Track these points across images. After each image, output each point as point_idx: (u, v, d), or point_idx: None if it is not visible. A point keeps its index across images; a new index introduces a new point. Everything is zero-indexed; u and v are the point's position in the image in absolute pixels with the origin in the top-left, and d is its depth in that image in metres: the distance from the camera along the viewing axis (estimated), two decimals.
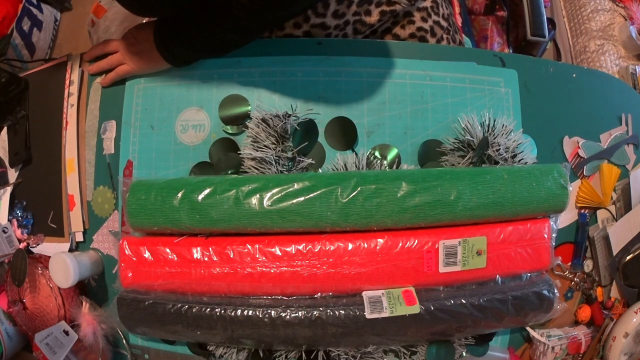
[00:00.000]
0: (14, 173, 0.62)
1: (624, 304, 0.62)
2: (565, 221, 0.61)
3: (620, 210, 0.63)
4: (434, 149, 0.57)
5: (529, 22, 1.00)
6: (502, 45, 1.07)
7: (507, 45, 1.07)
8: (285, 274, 0.48)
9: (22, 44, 1.52)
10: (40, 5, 1.59)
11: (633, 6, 1.17)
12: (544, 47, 1.08)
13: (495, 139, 0.55)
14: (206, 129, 0.57)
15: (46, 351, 0.52)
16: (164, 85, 0.58)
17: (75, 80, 0.60)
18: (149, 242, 0.50)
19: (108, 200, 0.57)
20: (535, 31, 0.98)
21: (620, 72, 1.10)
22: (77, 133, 0.59)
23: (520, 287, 0.51)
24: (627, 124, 0.65)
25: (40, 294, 0.55)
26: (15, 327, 0.58)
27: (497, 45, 1.06)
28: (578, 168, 0.61)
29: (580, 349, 0.59)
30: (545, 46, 1.09)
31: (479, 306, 0.49)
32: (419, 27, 0.65)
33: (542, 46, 1.06)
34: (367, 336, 0.48)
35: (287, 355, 0.52)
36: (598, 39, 1.15)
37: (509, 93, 0.61)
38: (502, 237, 0.51)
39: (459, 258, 0.49)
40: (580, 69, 0.65)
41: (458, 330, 0.50)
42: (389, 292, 0.49)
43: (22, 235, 0.60)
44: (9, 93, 0.62)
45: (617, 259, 0.60)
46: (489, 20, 1.07)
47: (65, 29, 1.68)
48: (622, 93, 0.66)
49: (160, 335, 0.52)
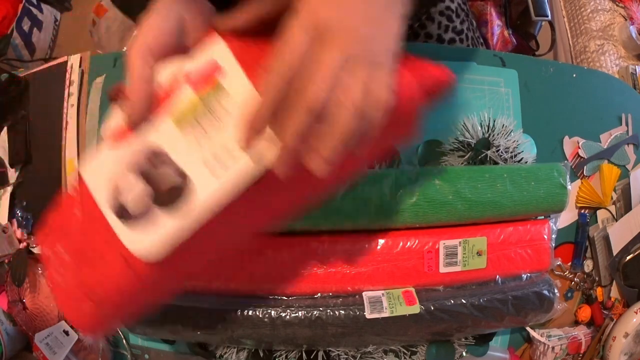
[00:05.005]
0: (14, 173, 0.62)
1: (624, 304, 0.62)
2: (565, 221, 0.61)
3: (620, 210, 0.63)
4: (434, 149, 0.57)
5: (532, 3, 1.01)
6: (501, 27, 1.06)
7: (506, 26, 1.07)
8: (285, 273, 0.48)
9: (22, 44, 1.52)
10: (40, 5, 1.59)
11: (633, 6, 1.17)
12: (540, 24, 1.09)
13: (495, 139, 0.55)
14: None
15: (46, 351, 0.52)
16: None
17: (75, 80, 0.60)
18: None
19: None
20: (539, 11, 0.98)
21: (620, 72, 1.10)
22: (77, 133, 0.59)
23: (520, 287, 0.51)
24: (627, 124, 0.65)
25: (40, 294, 0.55)
26: (15, 327, 0.58)
27: (497, 27, 1.05)
28: (578, 168, 0.61)
29: (580, 349, 0.59)
30: (541, 23, 1.10)
31: (479, 306, 0.49)
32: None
33: (538, 23, 1.07)
34: (367, 336, 0.48)
35: (287, 355, 0.52)
36: (598, 39, 1.15)
37: (509, 93, 0.61)
38: (503, 238, 0.51)
39: (459, 258, 0.49)
40: (580, 69, 0.65)
41: (458, 330, 0.50)
42: (389, 292, 0.49)
43: (22, 235, 0.60)
44: (9, 93, 0.62)
45: (617, 259, 0.60)
46: (487, 4, 1.06)
47: (65, 29, 1.68)
48: (622, 93, 0.66)
49: (160, 335, 0.52)
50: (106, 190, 0.32)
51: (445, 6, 0.71)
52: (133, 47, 0.34)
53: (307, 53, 0.29)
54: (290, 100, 0.29)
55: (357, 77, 0.29)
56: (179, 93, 0.33)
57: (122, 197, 0.31)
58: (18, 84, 0.62)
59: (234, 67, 0.32)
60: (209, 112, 0.32)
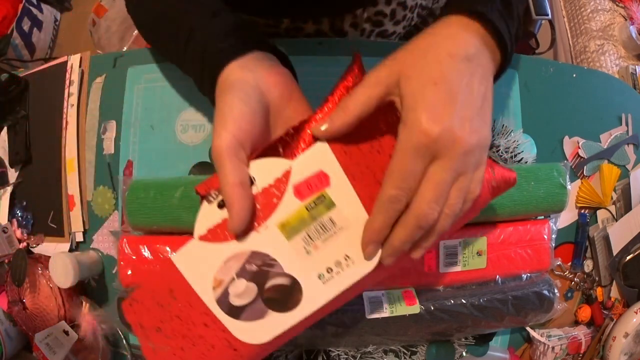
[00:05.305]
0: (14, 173, 0.62)
1: (624, 304, 0.62)
2: (565, 221, 0.61)
3: (620, 210, 0.63)
4: None
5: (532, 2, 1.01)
6: None
7: None
8: None
9: (22, 44, 1.52)
10: (40, 5, 1.59)
11: (633, 6, 1.17)
12: (540, 23, 1.09)
13: (495, 139, 0.55)
14: (206, 129, 0.57)
15: (46, 351, 0.52)
16: (165, 85, 0.58)
17: (75, 80, 0.60)
18: (148, 241, 0.50)
19: (108, 200, 0.57)
20: (539, 10, 0.99)
21: (620, 72, 1.10)
22: (77, 133, 0.59)
23: (520, 287, 0.51)
24: (627, 124, 0.65)
25: (40, 294, 0.55)
26: (15, 327, 0.58)
27: None
28: (578, 168, 0.61)
29: (580, 349, 0.59)
30: (541, 22, 1.10)
31: (479, 306, 0.49)
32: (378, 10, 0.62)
33: (538, 22, 1.07)
34: (367, 336, 0.48)
35: (287, 355, 0.52)
36: (598, 39, 1.15)
37: (509, 93, 0.61)
38: (502, 238, 0.51)
39: (459, 258, 0.49)
40: (580, 69, 0.65)
41: (458, 330, 0.50)
42: (389, 292, 0.49)
43: (22, 235, 0.60)
44: (9, 93, 0.62)
45: (617, 259, 0.60)
46: None
47: (65, 29, 1.68)
48: (622, 93, 0.66)
49: None
50: (208, 283, 0.34)
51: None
52: (220, 144, 0.31)
53: (418, 172, 0.31)
54: (400, 212, 0.32)
55: (462, 188, 0.32)
56: (283, 199, 0.34)
57: (228, 291, 0.34)
58: (18, 84, 0.62)
59: (341, 177, 0.34)
60: (316, 222, 0.34)
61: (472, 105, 0.31)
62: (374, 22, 0.63)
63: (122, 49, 1.26)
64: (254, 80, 0.34)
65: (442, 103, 0.30)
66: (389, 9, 0.62)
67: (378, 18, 0.62)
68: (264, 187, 0.33)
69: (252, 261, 0.33)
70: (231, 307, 0.34)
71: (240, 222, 0.32)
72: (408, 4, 0.63)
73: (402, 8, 0.63)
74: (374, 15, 0.62)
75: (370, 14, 0.62)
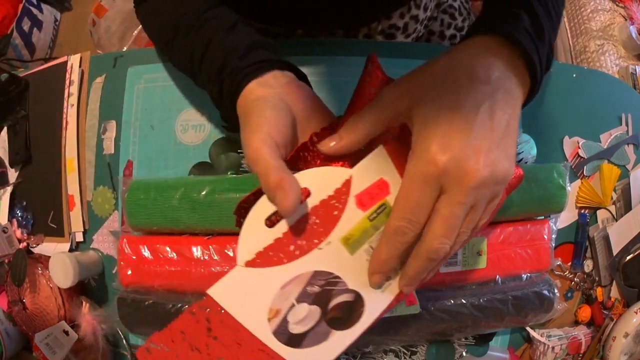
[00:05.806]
0: (14, 173, 0.62)
1: (624, 304, 0.62)
2: (565, 221, 0.61)
3: (620, 210, 0.63)
4: None
5: None
6: None
7: None
8: None
9: (22, 44, 1.52)
10: (40, 5, 1.59)
11: (633, 6, 1.17)
12: None
13: None
14: (206, 129, 0.57)
15: (46, 351, 0.52)
16: (164, 85, 0.58)
17: (75, 80, 0.60)
18: (148, 241, 0.50)
19: (108, 200, 0.57)
20: None
21: (620, 72, 1.10)
22: (77, 133, 0.59)
23: (520, 287, 0.51)
24: (627, 124, 0.65)
25: (40, 294, 0.55)
26: (15, 327, 0.58)
27: None
28: (578, 168, 0.61)
29: (580, 349, 0.59)
30: None
31: (479, 306, 0.49)
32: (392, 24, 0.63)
33: None
34: (367, 336, 0.48)
35: None
36: (598, 39, 1.15)
37: None
38: (502, 238, 0.51)
39: (459, 258, 0.49)
40: (580, 69, 0.65)
41: (458, 330, 0.50)
42: None
43: (22, 235, 0.60)
44: (9, 93, 0.62)
45: (617, 259, 0.60)
46: None
47: (65, 29, 1.68)
48: (622, 93, 0.66)
49: None
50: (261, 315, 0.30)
51: (449, 4, 0.72)
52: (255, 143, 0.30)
53: (426, 203, 0.29)
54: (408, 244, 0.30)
55: (473, 220, 0.30)
56: (345, 211, 0.31)
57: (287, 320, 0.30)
58: (18, 84, 0.62)
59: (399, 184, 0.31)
60: (378, 231, 0.32)
61: (491, 134, 0.28)
62: (387, 35, 0.64)
63: (122, 49, 1.26)
64: (277, 95, 0.34)
65: (455, 131, 0.27)
66: (402, 22, 0.63)
67: (391, 31, 0.63)
68: (322, 199, 0.31)
69: (314, 282, 0.31)
70: (291, 337, 0.30)
71: (293, 201, 0.28)
72: (420, 18, 0.64)
73: (415, 22, 0.64)
74: (387, 28, 0.63)
75: (384, 27, 0.62)
